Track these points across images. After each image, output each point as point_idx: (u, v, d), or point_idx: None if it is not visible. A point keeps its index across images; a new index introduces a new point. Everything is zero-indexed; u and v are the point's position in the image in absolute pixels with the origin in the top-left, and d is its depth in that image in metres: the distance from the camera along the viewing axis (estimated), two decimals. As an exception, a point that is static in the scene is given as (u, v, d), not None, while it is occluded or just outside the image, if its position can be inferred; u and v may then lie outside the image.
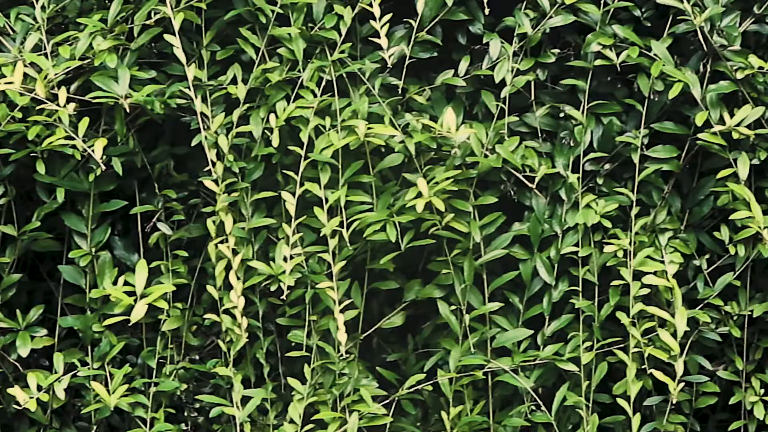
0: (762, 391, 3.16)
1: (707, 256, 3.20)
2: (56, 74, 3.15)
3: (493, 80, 3.18)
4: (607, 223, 3.12)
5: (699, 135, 3.12)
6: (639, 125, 3.17)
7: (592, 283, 3.11)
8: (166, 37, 3.15)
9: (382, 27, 3.12)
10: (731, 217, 3.11)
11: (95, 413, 3.19)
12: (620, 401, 3.09)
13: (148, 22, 3.22)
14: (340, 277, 3.13)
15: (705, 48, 3.18)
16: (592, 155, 3.17)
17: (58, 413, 3.25)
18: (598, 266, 3.11)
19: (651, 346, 3.06)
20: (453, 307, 3.15)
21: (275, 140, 3.14)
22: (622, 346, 3.11)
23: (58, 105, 3.09)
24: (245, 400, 3.16)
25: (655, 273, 3.08)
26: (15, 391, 3.03)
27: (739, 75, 3.13)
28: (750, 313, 3.16)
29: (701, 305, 3.15)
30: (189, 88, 3.16)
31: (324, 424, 3.12)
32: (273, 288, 3.14)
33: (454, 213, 3.11)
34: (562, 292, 3.12)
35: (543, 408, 3.11)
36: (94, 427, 3.24)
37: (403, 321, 3.24)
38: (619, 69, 3.19)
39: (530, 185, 3.13)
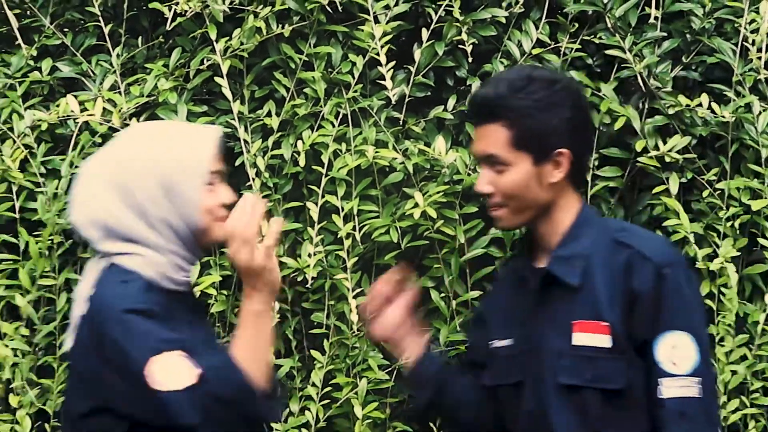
0: (689, 364, 3.33)
1: (644, 255, 3.39)
2: (128, 108, 3.36)
3: (474, 114, 3.35)
4: (566, 229, 3.30)
5: (639, 159, 3.31)
6: (591, 151, 3.28)
7: (553, 276, 3.34)
8: (216, 79, 3.38)
9: (387, 72, 3.33)
10: (664, 224, 3.29)
11: (158, 378, 3.40)
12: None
13: (201, 67, 3.42)
14: (353, 270, 3.29)
15: (644, 89, 3.36)
16: (553, 174, 3.37)
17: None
18: (557, 263, 3.35)
19: (602, 328, 3.24)
20: (442, 295, 3.33)
21: (302, 161, 3.34)
22: (577, 327, 3.30)
23: (129, 133, 3.39)
24: (276, 367, 3.29)
25: (603, 269, 3.26)
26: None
27: (671, 111, 3.32)
28: (680, 302, 3.33)
29: (641, 295, 3.31)
30: (234, 119, 3.35)
31: (339, 387, 3.30)
32: (299, 279, 3.31)
33: (443, 220, 3.30)
34: (529, 284, 3.32)
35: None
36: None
37: (402, 305, 3.37)
38: (575, 106, 3.42)
39: (504, 198, 3.36)
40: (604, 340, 2.61)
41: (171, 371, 2.35)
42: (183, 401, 2.32)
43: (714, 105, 3.34)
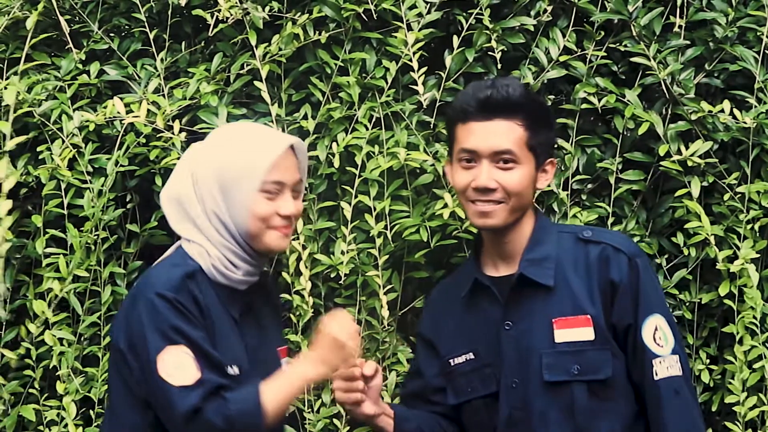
0: (708, 361, 3.34)
1: (666, 256, 3.38)
2: (171, 110, 3.41)
3: (502, 119, 3.31)
4: (589, 231, 3.29)
5: (661, 163, 3.34)
6: (615, 154, 3.39)
7: (576, 276, 3.29)
8: (255, 83, 3.40)
9: (419, 77, 3.36)
10: (685, 226, 3.33)
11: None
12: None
13: (241, 72, 3.45)
14: (384, 267, 3.32)
15: (667, 95, 3.39)
16: (578, 177, 3.40)
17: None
18: (581, 263, 3.28)
19: (623, 325, 3.24)
20: (470, 292, 3.31)
21: (336, 162, 3.36)
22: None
23: (172, 134, 3.36)
24: (311, 360, 3.31)
25: (625, 269, 3.23)
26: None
27: (693, 117, 3.35)
28: (699, 300, 3.34)
29: (661, 294, 3.33)
30: (272, 122, 3.37)
31: (370, 380, 3.30)
32: (332, 275, 3.34)
33: (471, 220, 3.29)
34: (554, 285, 3.30)
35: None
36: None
37: (431, 302, 3.25)
38: (600, 111, 3.40)
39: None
40: (587, 333, 2.71)
41: (177, 365, 2.51)
42: (180, 395, 2.49)
43: (735, 111, 3.36)
